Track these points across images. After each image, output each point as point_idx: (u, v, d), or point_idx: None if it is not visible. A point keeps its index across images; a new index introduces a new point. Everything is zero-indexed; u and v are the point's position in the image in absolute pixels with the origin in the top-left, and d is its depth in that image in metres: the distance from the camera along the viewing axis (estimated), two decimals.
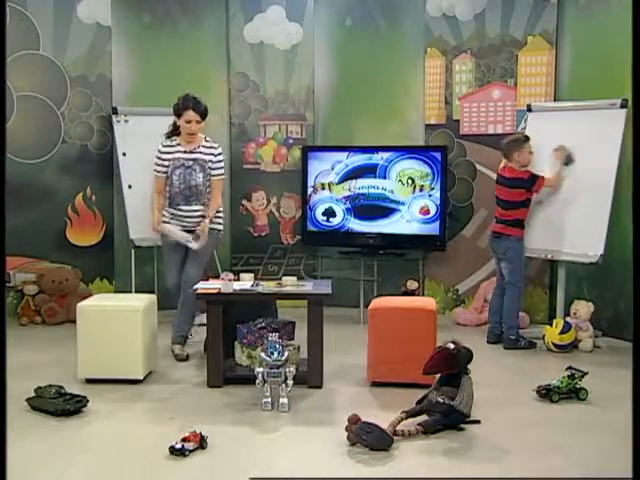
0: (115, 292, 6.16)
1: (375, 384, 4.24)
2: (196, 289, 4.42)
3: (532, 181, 5.25)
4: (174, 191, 4.88)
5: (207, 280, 4.70)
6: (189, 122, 4.84)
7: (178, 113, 4.88)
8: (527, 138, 5.37)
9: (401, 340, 4.15)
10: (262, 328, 4.51)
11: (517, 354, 5.12)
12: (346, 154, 6.32)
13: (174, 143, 4.95)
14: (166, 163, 4.91)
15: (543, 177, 5.28)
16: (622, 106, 5.16)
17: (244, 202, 6.74)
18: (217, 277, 4.81)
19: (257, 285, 4.43)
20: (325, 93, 6.67)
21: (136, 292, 5.73)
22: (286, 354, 3.86)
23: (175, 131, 4.99)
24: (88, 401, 3.78)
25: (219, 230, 5.04)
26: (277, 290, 4.40)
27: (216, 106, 6.56)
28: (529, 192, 5.28)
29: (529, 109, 5.75)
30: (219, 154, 4.95)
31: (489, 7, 6.18)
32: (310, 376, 4.19)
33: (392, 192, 6.17)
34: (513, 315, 5.32)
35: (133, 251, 5.94)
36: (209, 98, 6.51)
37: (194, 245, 4.75)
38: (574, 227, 5.31)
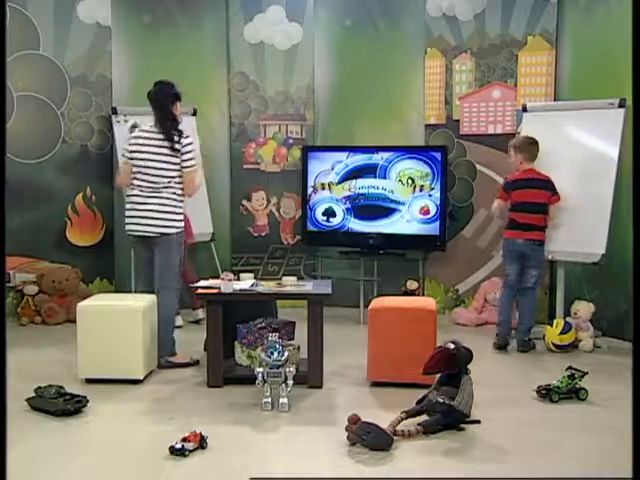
0: (115, 292, 6.16)
1: (375, 384, 4.24)
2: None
3: (554, 189, 5.16)
4: None
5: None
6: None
7: (179, 97, 4.65)
8: None
9: (401, 340, 4.15)
10: (262, 328, 4.51)
11: (517, 354, 5.11)
12: (346, 154, 6.32)
13: None
14: None
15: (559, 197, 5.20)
16: (620, 105, 5.16)
17: (244, 202, 6.74)
18: (217, 277, 4.81)
19: (257, 285, 4.43)
20: (325, 93, 6.67)
21: (136, 292, 5.72)
22: (286, 354, 3.85)
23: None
24: (88, 401, 3.78)
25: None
26: (277, 290, 4.40)
27: (216, 106, 6.60)
28: (549, 196, 5.16)
29: (524, 109, 5.74)
30: None
31: (489, 7, 6.19)
32: (310, 376, 4.19)
33: (392, 192, 6.17)
34: (533, 318, 5.24)
35: (133, 251, 5.93)
36: (209, 98, 6.58)
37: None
38: (575, 227, 5.30)
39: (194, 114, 6.33)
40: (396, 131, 6.44)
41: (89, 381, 4.25)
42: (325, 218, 6.41)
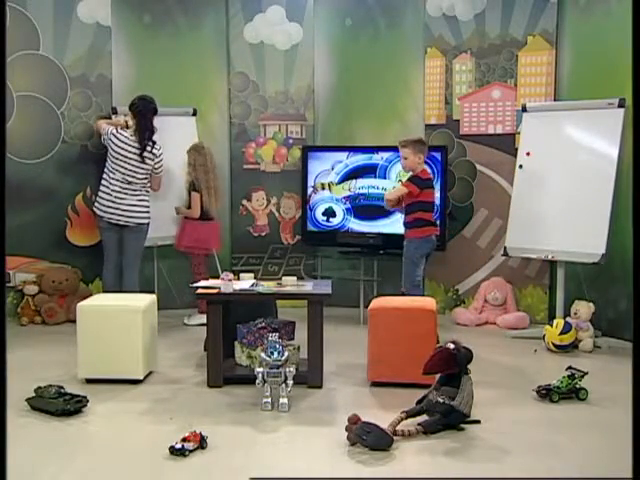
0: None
1: (375, 384, 4.24)
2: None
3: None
4: None
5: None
6: None
7: (156, 111, 5.61)
8: None
9: (401, 340, 4.15)
10: (262, 328, 4.51)
11: (516, 354, 5.11)
12: (346, 154, 6.33)
13: None
14: None
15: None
16: (620, 105, 5.16)
17: (244, 202, 6.74)
18: (217, 277, 4.80)
19: (257, 285, 4.43)
20: (325, 93, 6.68)
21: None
22: (286, 354, 3.86)
23: None
24: (88, 401, 3.78)
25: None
26: (277, 290, 4.40)
27: (216, 106, 6.60)
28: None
29: (524, 109, 5.75)
30: None
31: (489, 7, 6.18)
32: (310, 376, 4.19)
33: None
34: None
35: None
36: (209, 98, 6.58)
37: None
38: (575, 227, 5.31)
39: (194, 114, 6.34)
40: (396, 131, 6.43)
41: (89, 381, 4.25)
42: (325, 218, 6.41)
